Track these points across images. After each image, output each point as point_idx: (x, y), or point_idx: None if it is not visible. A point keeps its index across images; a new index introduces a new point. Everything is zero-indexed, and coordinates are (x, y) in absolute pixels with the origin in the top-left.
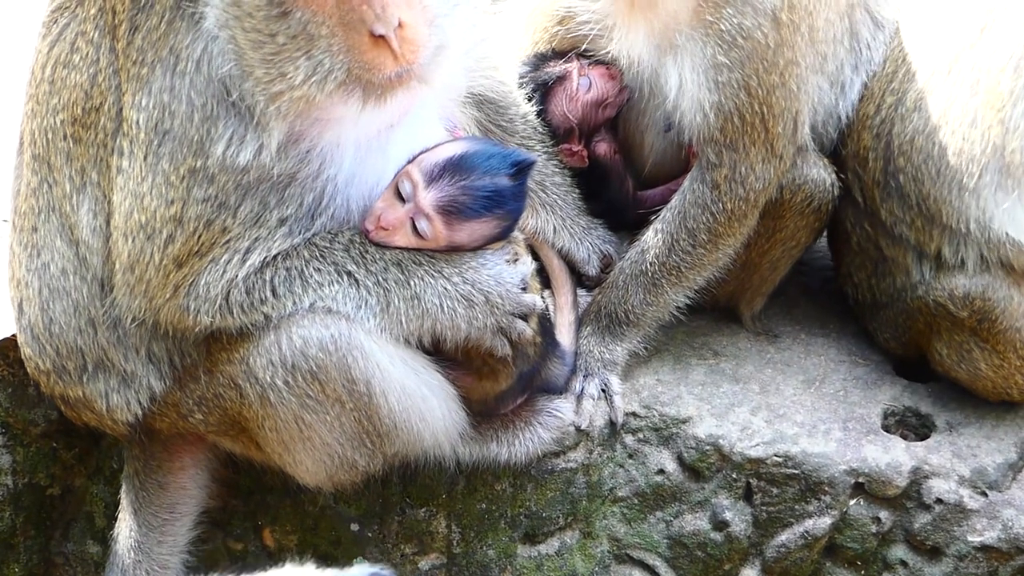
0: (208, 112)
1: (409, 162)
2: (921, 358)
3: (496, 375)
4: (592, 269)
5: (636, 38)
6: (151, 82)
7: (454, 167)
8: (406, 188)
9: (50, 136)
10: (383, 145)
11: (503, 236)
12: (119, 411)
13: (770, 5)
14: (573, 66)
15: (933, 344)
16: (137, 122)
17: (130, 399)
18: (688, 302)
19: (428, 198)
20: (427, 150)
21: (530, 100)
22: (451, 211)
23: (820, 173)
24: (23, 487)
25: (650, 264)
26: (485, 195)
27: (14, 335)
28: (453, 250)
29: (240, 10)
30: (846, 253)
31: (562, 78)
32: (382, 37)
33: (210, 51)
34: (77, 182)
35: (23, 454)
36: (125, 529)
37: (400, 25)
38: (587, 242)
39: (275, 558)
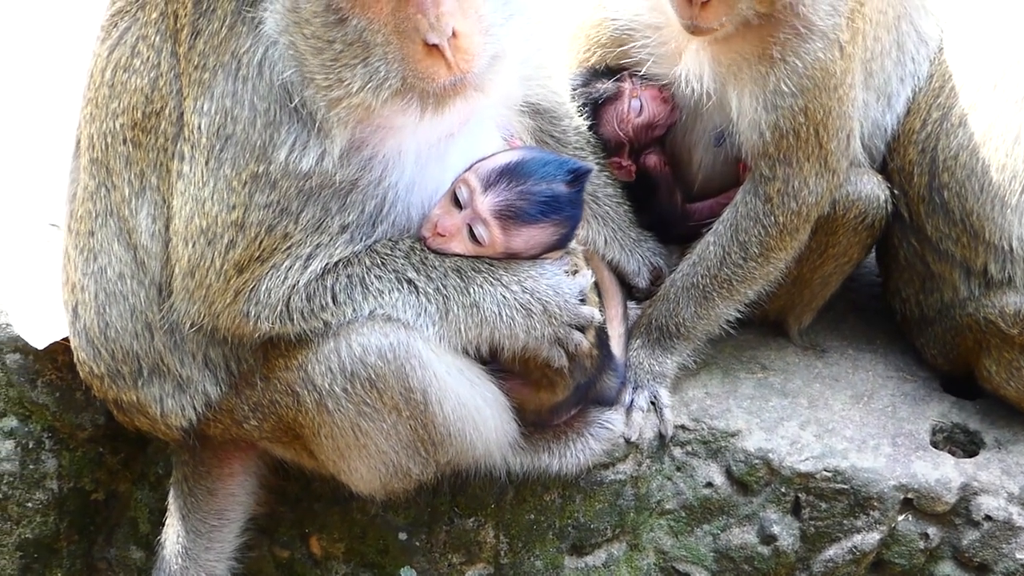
0: (271, 117)
1: (466, 170)
2: (968, 375)
3: (553, 386)
4: (642, 281)
5: (700, 67)
6: (213, 87)
7: (511, 173)
8: (463, 194)
9: (109, 140)
10: (442, 153)
11: (561, 245)
12: (173, 416)
13: (839, 36)
14: (625, 86)
15: (982, 361)
16: (199, 127)
17: (185, 404)
18: (739, 316)
19: (485, 203)
20: (483, 158)
21: (579, 114)
22: (508, 216)
23: (873, 189)
24: (68, 492)
25: (701, 277)
26: (542, 200)
27: (64, 340)
28: (511, 257)
29: (299, 16)
30: (893, 268)
31: (613, 97)
32: (436, 46)
33: (271, 56)
34: (136, 186)
35: (69, 458)
36: (172, 535)
37: (454, 34)
38: (637, 254)
39: (321, 566)
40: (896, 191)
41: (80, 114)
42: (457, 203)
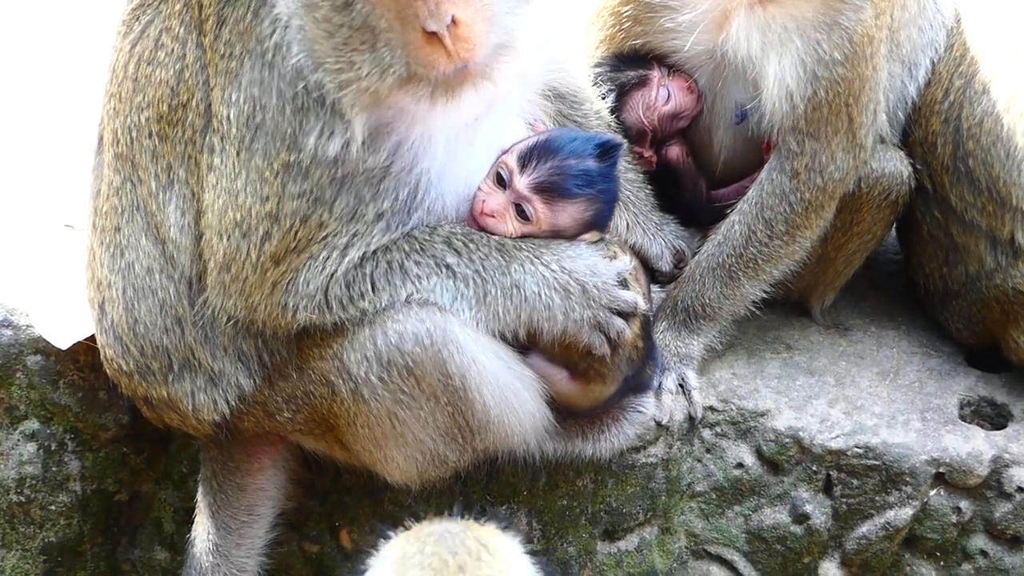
0: (299, 104)
1: (503, 153)
2: (993, 348)
3: (603, 378)
4: (665, 265)
5: (748, 33)
6: (240, 76)
7: (542, 150)
8: (505, 174)
9: (134, 134)
10: (471, 138)
11: (599, 221)
12: (205, 410)
13: (882, 4)
14: (654, 75)
15: (1009, 332)
16: (228, 118)
17: (217, 398)
18: (764, 296)
19: (523, 182)
20: (519, 141)
21: (603, 99)
22: (546, 190)
23: (897, 165)
24: (91, 493)
25: (727, 257)
26: (575, 174)
27: (87, 339)
28: (555, 235)
29: (309, 0)
30: (916, 242)
31: (640, 84)
32: (435, 34)
33: (287, 39)
34: (163, 180)
35: (92, 459)
36: (202, 532)
37: (455, 23)
38: (660, 238)
39: (352, 560)
40: (919, 164)
41: (102, 110)
42: (500, 183)
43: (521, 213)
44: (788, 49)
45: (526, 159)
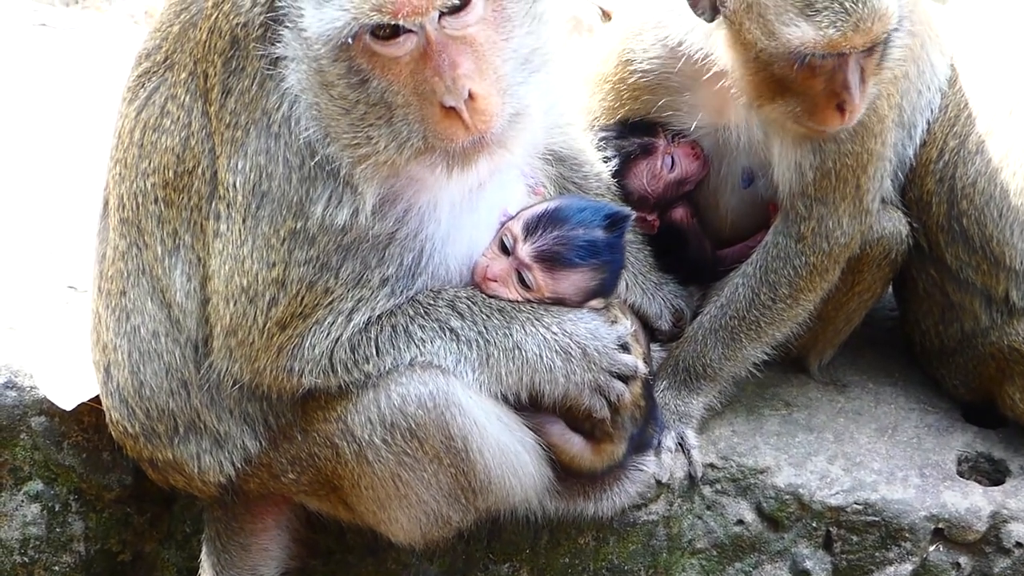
0: (305, 173)
1: (510, 219)
2: (989, 404)
3: (611, 437)
4: (664, 324)
5: (749, 120)
6: (246, 145)
7: (549, 219)
8: (508, 241)
9: (140, 200)
10: (474, 204)
11: (605, 290)
12: (211, 472)
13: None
14: (659, 143)
15: (1005, 389)
16: (234, 185)
17: (223, 460)
18: (766, 358)
19: (526, 249)
20: (527, 207)
21: (607, 162)
22: (547, 259)
23: (896, 225)
24: (95, 554)
25: (730, 319)
26: (579, 245)
27: (91, 400)
28: (558, 303)
29: (324, 78)
30: (912, 300)
31: (646, 153)
32: (453, 108)
33: (295, 112)
34: (169, 245)
35: (96, 520)
36: None
37: (472, 96)
38: (659, 297)
39: None
40: (914, 222)
41: (107, 175)
42: (504, 250)
43: (522, 280)
44: (790, 134)
45: (531, 228)
